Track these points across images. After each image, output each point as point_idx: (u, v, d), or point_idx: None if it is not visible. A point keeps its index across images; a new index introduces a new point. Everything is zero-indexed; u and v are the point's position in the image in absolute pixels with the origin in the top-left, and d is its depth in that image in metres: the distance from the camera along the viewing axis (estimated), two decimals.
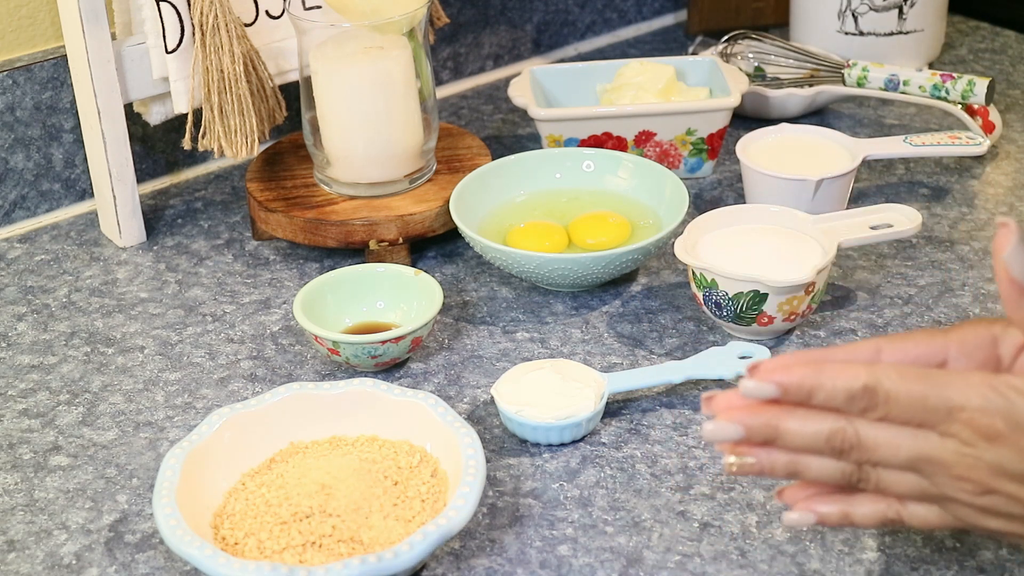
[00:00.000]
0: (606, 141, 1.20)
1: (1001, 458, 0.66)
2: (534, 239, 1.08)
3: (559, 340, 1.03)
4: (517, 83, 1.24)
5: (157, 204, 1.23)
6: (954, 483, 0.67)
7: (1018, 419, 0.65)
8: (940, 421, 0.66)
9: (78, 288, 1.11)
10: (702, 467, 0.90)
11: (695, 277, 1.00)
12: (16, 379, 1.01)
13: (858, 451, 0.68)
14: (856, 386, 0.67)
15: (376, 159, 1.12)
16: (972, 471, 0.66)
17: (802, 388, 0.67)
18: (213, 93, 1.10)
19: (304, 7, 1.16)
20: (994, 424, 0.65)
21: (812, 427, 0.67)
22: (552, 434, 0.91)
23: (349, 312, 1.02)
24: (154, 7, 1.09)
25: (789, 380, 0.67)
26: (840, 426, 0.67)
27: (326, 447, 0.88)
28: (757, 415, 0.68)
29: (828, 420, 0.67)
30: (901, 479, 0.68)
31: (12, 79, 1.15)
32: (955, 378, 0.67)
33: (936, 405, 0.66)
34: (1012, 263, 0.67)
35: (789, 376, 0.67)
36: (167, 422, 0.96)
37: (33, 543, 0.86)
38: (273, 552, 0.80)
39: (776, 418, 0.68)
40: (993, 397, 0.66)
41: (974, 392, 0.66)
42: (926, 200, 1.19)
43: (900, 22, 1.34)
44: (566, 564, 0.83)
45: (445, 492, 0.84)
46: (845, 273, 1.09)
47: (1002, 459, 0.66)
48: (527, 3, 1.44)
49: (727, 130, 1.22)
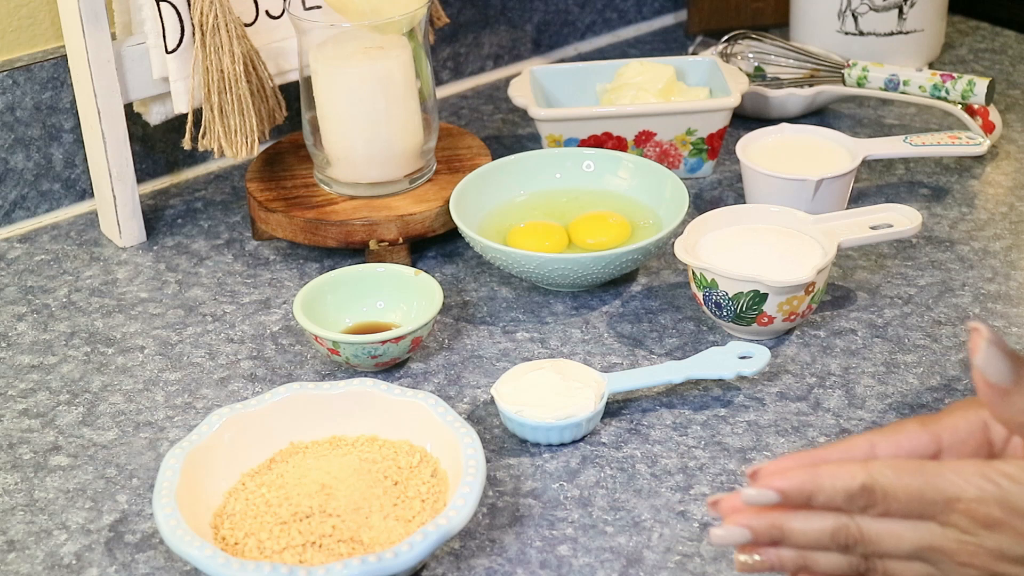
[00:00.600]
0: (606, 141, 1.20)
1: (1001, 543, 0.68)
2: (534, 239, 1.08)
3: (559, 340, 1.03)
4: (517, 83, 1.24)
5: (157, 204, 1.23)
6: (959, 569, 0.69)
7: (1013, 504, 0.67)
8: (939, 512, 0.68)
9: (78, 288, 1.11)
10: (702, 467, 0.90)
11: (695, 277, 1.00)
12: (16, 379, 1.01)
13: (863, 545, 0.70)
14: (854, 486, 0.69)
15: (376, 159, 1.12)
16: (975, 557, 0.68)
17: (802, 492, 0.69)
18: (213, 93, 1.10)
19: (304, 7, 1.16)
20: (991, 513, 0.67)
21: (816, 526, 0.70)
22: (552, 434, 0.91)
23: (349, 312, 1.02)
24: (154, 7, 1.09)
25: (789, 486, 0.69)
26: (843, 523, 0.69)
27: (326, 447, 0.88)
28: (762, 517, 0.70)
29: (830, 518, 0.70)
30: (908, 568, 0.71)
31: (12, 79, 1.15)
32: (949, 469, 0.69)
33: (933, 498, 0.68)
34: (987, 369, 0.68)
35: (788, 482, 0.69)
36: (167, 422, 0.96)
37: (33, 543, 0.86)
38: (273, 552, 0.80)
39: (780, 519, 0.70)
40: (987, 486, 0.68)
41: (968, 482, 0.68)
42: (926, 200, 1.19)
43: (900, 22, 1.34)
44: (566, 564, 0.83)
45: (445, 492, 0.84)
46: (845, 273, 1.09)
47: (1002, 544, 0.68)
48: (527, 3, 1.44)
49: (727, 130, 1.22)
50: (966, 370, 0.98)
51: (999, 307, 1.04)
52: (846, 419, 0.93)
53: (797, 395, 0.96)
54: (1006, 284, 1.07)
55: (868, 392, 0.96)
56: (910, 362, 0.99)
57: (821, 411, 0.94)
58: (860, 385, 0.97)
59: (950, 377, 0.97)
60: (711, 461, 0.90)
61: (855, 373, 0.98)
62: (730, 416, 0.94)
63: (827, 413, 0.94)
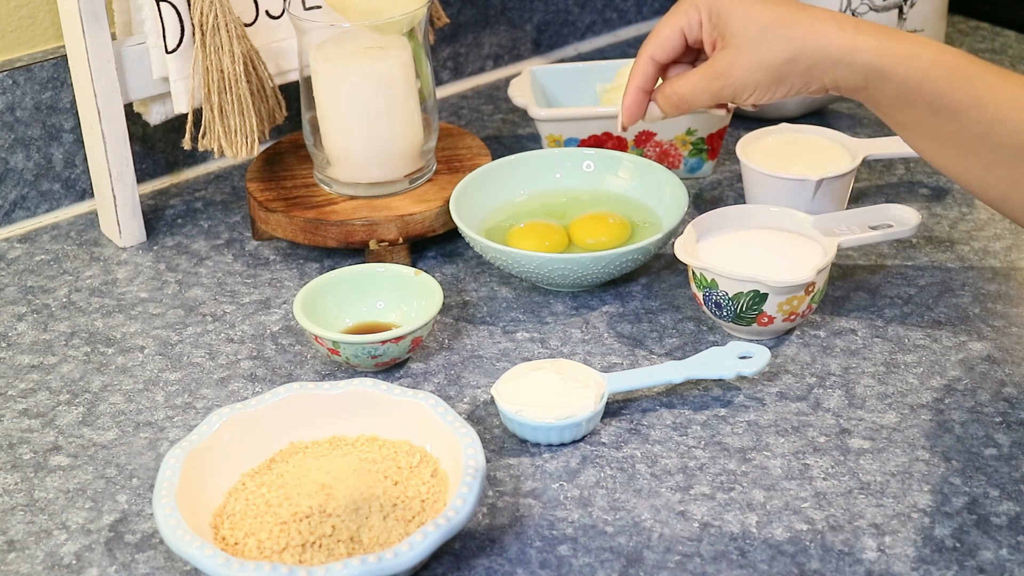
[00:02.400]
0: (606, 141, 1.20)
1: None
2: (534, 239, 1.08)
3: (559, 340, 1.03)
4: (517, 83, 1.24)
5: (157, 204, 1.23)
6: None
7: None
8: None
9: (78, 288, 1.11)
10: (702, 467, 0.90)
11: (695, 277, 1.00)
12: (16, 379, 1.01)
13: None
14: None
15: (376, 159, 1.12)
16: None
17: None
18: (213, 93, 1.10)
19: (304, 7, 1.16)
20: None
21: None
22: (552, 434, 0.91)
23: (349, 312, 1.02)
24: (154, 7, 1.09)
25: None
26: None
27: (326, 447, 0.88)
28: None
29: None
30: None
31: (12, 79, 1.15)
32: None
33: None
34: None
35: None
36: (167, 422, 0.96)
37: (33, 543, 0.86)
38: (273, 552, 0.80)
39: None
40: None
41: None
42: (926, 200, 1.19)
43: (900, 22, 1.34)
44: (566, 564, 0.83)
45: (445, 492, 0.84)
46: (845, 273, 1.09)
47: None
48: (527, 3, 1.44)
49: (727, 130, 1.22)
50: (966, 370, 0.98)
51: (999, 307, 1.04)
52: (846, 419, 0.93)
53: (797, 395, 0.96)
54: (1006, 284, 1.07)
55: (868, 392, 0.96)
56: (910, 362, 0.99)
57: (821, 411, 0.94)
58: (860, 385, 0.97)
59: (950, 377, 0.97)
60: (711, 461, 0.90)
61: (855, 373, 0.98)
62: (730, 416, 0.94)
63: (827, 413, 0.94)
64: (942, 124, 0.89)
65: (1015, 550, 0.82)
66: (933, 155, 0.92)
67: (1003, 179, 0.89)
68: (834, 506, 0.86)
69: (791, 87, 0.94)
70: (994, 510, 0.85)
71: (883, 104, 0.92)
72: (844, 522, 0.85)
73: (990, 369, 0.98)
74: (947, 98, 0.88)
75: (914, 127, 0.92)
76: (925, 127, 0.91)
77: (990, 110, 0.87)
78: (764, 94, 0.95)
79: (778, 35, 0.92)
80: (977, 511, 0.85)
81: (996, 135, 0.87)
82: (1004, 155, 0.87)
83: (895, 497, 0.87)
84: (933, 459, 0.90)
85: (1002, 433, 0.92)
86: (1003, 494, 0.86)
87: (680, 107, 0.99)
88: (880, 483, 0.88)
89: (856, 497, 0.87)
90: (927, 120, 0.90)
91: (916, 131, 0.92)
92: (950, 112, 0.88)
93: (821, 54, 0.91)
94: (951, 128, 0.89)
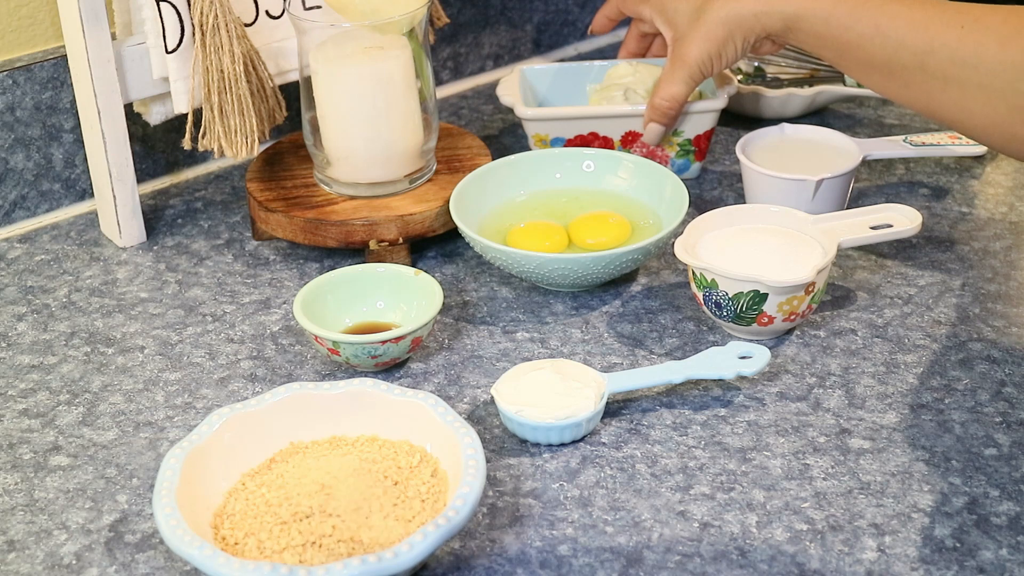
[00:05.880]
0: (592, 141, 1.20)
1: None
2: (534, 239, 1.08)
3: (559, 340, 1.03)
4: (506, 82, 1.23)
5: (157, 204, 1.23)
6: None
7: None
8: None
9: (78, 288, 1.11)
10: (702, 467, 0.90)
11: (695, 277, 1.00)
12: (16, 379, 1.01)
13: None
14: None
15: (376, 159, 1.12)
16: None
17: None
18: (213, 93, 1.10)
19: (304, 7, 1.16)
20: None
21: None
22: (552, 434, 0.91)
23: (349, 312, 1.02)
24: (154, 7, 1.09)
25: None
26: None
27: (326, 447, 0.88)
28: None
29: None
30: None
31: (12, 79, 1.15)
32: None
33: None
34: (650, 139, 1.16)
35: None
36: (167, 422, 0.96)
37: (33, 543, 0.86)
38: (273, 552, 0.80)
39: None
40: None
41: None
42: (926, 200, 1.19)
43: None
44: (566, 564, 0.83)
45: (445, 492, 0.84)
46: (845, 273, 1.09)
47: None
48: (527, 3, 1.44)
49: (715, 131, 1.22)
50: (966, 370, 0.98)
51: (999, 307, 1.04)
52: (846, 419, 0.94)
53: (797, 395, 0.96)
54: (1006, 284, 1.07)
55: (868, 392, 0.96)
56: (910, 362, 0.99)
57: (821, 411, 0.94)
58: (860, 385, 0.97)
59: (950, 377, 0.97)
60: (711, 461, 0.90)
61: (855, 373, 0.98)
62: (730, 416, 0.94)
63: (827, 413, 0.94)
64: (855, 54, 1.01)
65: (1015, 550, 0.82)
66: (866, 82, 1.02)
67: (920, 94, 0.98)
68: (834, 506, 0.86)
69: (737, 45, 1.09)
70: (994, 510, 0.85)
71: (808, 44, 1.05)
72: (844, 522, 0.85)
73: (990, 369, 0.98)
74: (851, 30, 1.00)
75: (838, 61, 1.03)
76: (846, 59, 1.02)
77: (892, 36, 0.97)
78: (721, 60, 1.11)
79: (708, 9, 1.09)
80: (977, 511, 0.85)
81: (901, 58, 0.97)
82: (912, 74, 0.97)
83: (895, 497, 0.87)
84: (933, 459, 0.90)
85: (1002, 433, 0.92)
86: (1003, 494, 0.86)
87: (672, 108, 1.14)
88: (880, 483, 0.88)
89: (856, 497, 0.87)
90: (845, 52, 1.02)
91: (842, 63, 1.03)
92: (857, 43, 1.00)
93: (744, 12, 1.07)
94: (863, 56, 1.00)
